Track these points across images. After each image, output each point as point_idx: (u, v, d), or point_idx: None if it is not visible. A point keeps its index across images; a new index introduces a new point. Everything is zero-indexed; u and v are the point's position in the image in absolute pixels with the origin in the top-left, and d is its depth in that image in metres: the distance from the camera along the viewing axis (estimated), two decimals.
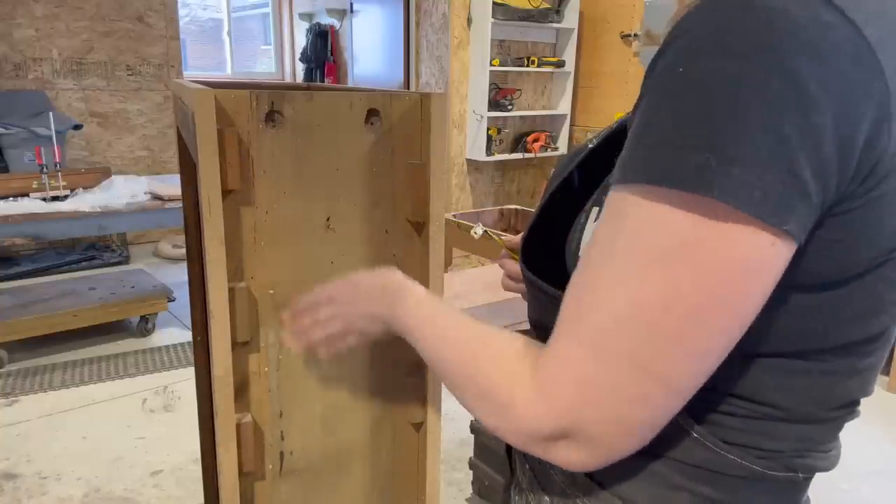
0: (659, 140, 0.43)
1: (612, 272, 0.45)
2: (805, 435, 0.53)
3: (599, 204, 0.54)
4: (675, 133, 0.42)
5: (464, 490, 2.28)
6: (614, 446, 0.47)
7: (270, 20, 6.56)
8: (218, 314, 0.76)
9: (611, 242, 0.46)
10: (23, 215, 2.79)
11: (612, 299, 0.44)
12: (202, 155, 0.72)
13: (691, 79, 0.41)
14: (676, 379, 0.45)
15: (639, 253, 0.44)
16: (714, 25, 0.42)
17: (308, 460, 0.87)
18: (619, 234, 0.45)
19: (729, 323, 0.43)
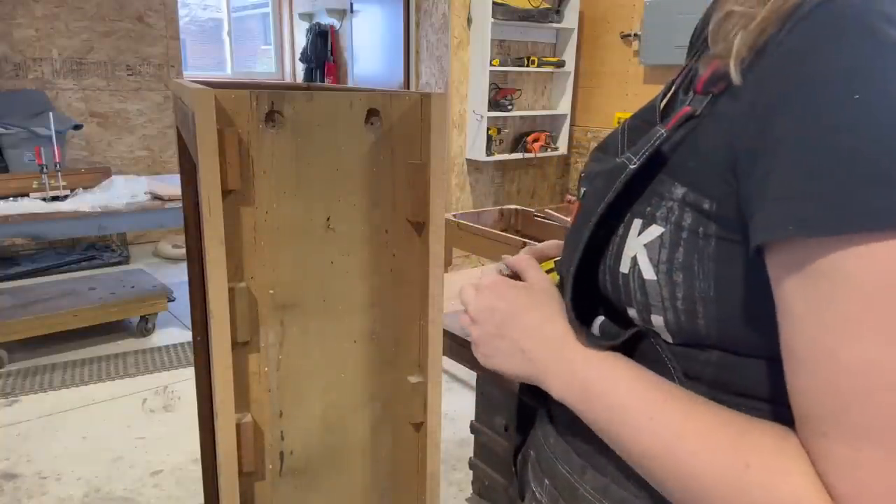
0: (863, 179, 0.37)
1: (870, 341, 0.37)
2: None
3: (642, 216, 0.50)
4: (885, 167, 0.37)
5: (464, 490, 2.28)
6: None
7: (270, 20, 6.56)
8: (218, 314, 0.76)
9: (840, 308, 0.38)
10: (23, 215, 2.79)
11: (891, 371, 0.36)
12: (202, 155, 0.72)
13: (882, 103, 0.37)
14: None
15: (892, 305, 0.36)
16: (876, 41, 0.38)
17: (308, 460, 0.87)
18: (848, 294, 0.37)
19: None
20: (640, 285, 0.50)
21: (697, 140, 0.48)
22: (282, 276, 0.80)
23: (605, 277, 0.54)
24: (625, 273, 0.51)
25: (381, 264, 0.85)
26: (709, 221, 0.46)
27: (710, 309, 0.47)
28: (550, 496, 0.62)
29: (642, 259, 0.50)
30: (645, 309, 0.51)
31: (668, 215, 0.49)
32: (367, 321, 0.86)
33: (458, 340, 1.59)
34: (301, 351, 0.83)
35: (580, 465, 0.58)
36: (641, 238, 0.50)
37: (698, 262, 0.47)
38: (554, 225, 3.12)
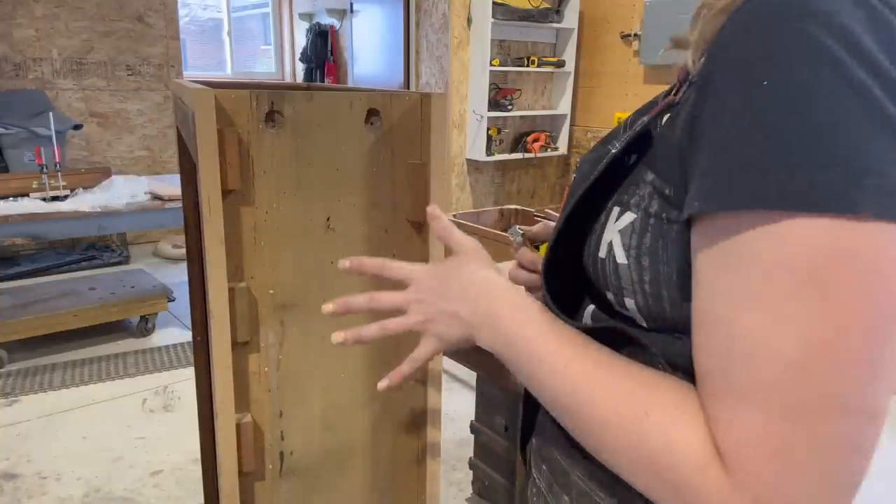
0: (767, 160, 0.39)
1: (762, 314, 0.40)
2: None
3: (620, 204, 0.53)
4: (786, 150, 0.39)
5: (464, 490, 2.28)
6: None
7: (270, 20, 6.56)
8: (218, 314, 0.76)
9: (740, 281, 0.41)
10: (23, 215, 2.79)
11: (777, 344, 0.39)
12: (202, 155, 0.72)
13: (787, 90, 0.39)
14: (877, 405, 0.39)
15: (788, 284, 0.39)
16: (791, 31, 0.40)
17: (308, 460, 0.87)
18: (750, 268, 0.40)
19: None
20: (613, 269, 0.53)
21: (673, 128, 0.50)
22: (282, 276, 0.80)
23: (588, 262, 0.56)
24: (602, 258, 0.54)
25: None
26: (670, 207, 0.48)
27: (672, 292, 0.49)
28: (547, 480, 0.64)
29: (616, 244, 0.52)
30: (619, 292, 0.53)
31: (639, 202, 0.51)
32: (366, 321, 0.86)
33: None
34: (301, 351, 0.83)
35: (568, 447, 0.60)
36: (617, 224, 0.52)
37: (662, 247, 0.49)
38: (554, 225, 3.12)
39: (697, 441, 0.43)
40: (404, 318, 0.64)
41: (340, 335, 0.66)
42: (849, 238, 0.38)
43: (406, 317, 0.64)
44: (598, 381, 0.49)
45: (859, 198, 0.37)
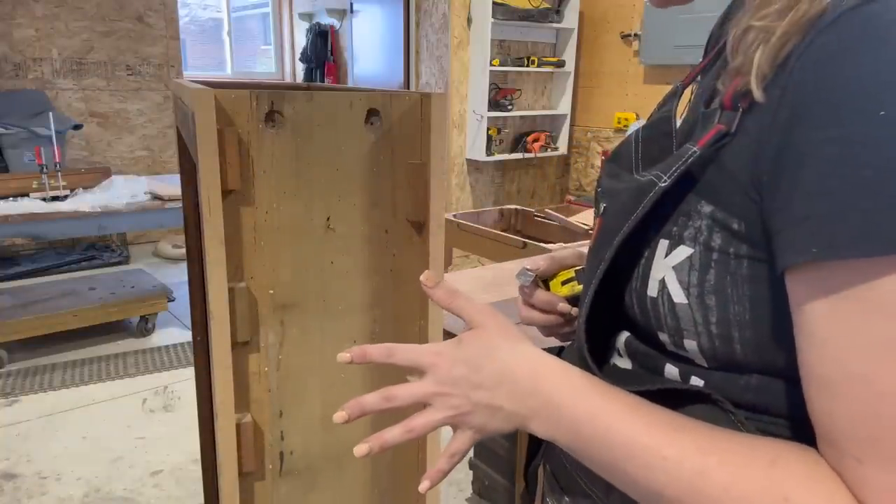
0: (882, 201, 0.36)
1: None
2: None
3: (668, 237, 0.48)
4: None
5: (464, 490, 2.28)
6: None
7: (270, 20, 6.56)
8: (218, 314, 0.76)
9: (876, 332, 0.37)
10: (23, 215, 2.79)
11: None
12: (202, 155, 0.72)
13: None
14: None
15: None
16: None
17: (308, 460, 0.87)
18: (880, 318, 0.37)
19: None
20: (670, 309, 0.48)
21: (725, 157, 0.46)
22: (282, 276, 0.80)
23: (633, 301, 0.52)
24: (653, 297, 0.49)
25: (381, 264, 0.85)
26: (739, 242, 0.45)
27: (745, 332, 0.46)
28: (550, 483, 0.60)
29: (671, 282, 0.48)
30: (677, 334, 0.49)
31: (696, 235, 0.47)
32: (367, 321, 0.86)
33: None
34: (301, 351, 0.83)
35: (605, 484, 0.54)
36: (669, 260, 0.48)
37: (731, 285, 0.45)
38: (554, 225, 3.12)
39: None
40: (431, 416, 0.54)
41: (365, 447, 0.56)
42: None
43: (433, 413, 0.54)
44: (713, 469, 0.43)
45: None
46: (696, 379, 0.50)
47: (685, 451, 0.44)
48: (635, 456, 0.45)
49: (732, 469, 0.42)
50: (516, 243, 2.78)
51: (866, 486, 0.38)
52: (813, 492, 0.40)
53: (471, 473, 2.21)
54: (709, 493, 0.42)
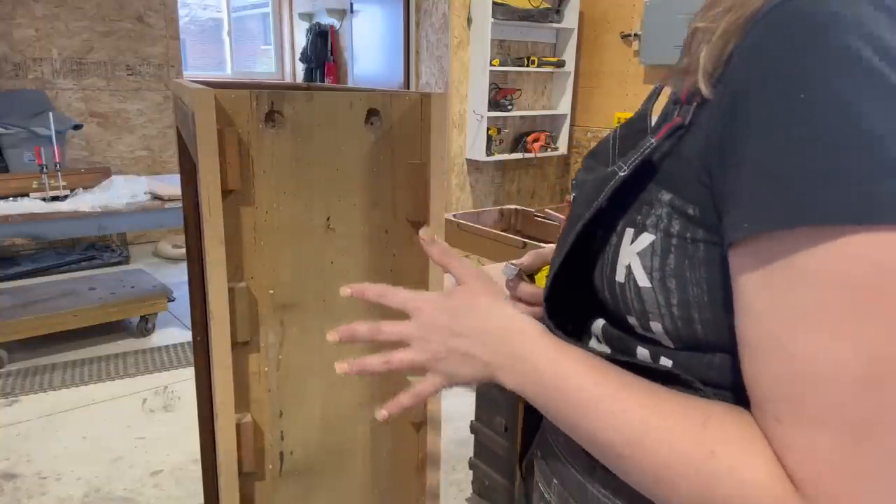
0: (815, 175, 0.38)
1: (821, 333, 0.39)
2: None
3: (633, 224, 0.52)
4: (835, 163, 0.38)
5: (464, 490, 2.28)
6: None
7: (270, 20, 6.56)
8: (218, 314, 0.76)
9: (796, 300, 0.39)
10: (23, 215, 2.79)
11: (842, 362, 0.38)
12: (202, 155, 0.72)
13: (829, 102, 0.38)
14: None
15: (847, 300, 0.38)
16: (822, 41, 0.39)
17: (308, 460, 0.87)
18: (805, 287, 0.39)
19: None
20: (636, 293, 0.51)
21: (682, 148, 0.49)
22: (282, 276, 0.80)
23: (604, 286, 0.55)
24: (621, 282, 0.52)
25: (381, 264, 0.85)
26: (695, 227, 0.47)
27: (705, 313, 0.48)
28: (559, 496, 0.62)
29: (636, 267, 0.51)
30: (643, 316, 0.51)
31: (657, 223, 0.50)
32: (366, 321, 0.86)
33: None
34: (301, 351, 0.83)
35: (589, 464, 0.58)
36: (634, 246, 0.51)
37: (689, 268, 0.48)
38: (554, 225, 3.12)
39: (769, 473, 0.42)
40: (408, 355, 0.60)
41: (344, 365, 0.62)
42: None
43: (411, 352, 0.59)
44: (654, 424, 0.46)
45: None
46: (665, 359, 0.52)
47: (629, 407, 0.48)
48: (587, 409, 0.50)
49: (669, 425, 0.46)
50: (516, 243, 2.78)
51: (783, 445, 0.41)
52: (738, 447, 0.43)
53: (471, 473, 2.21)
54: (647, 445, 0.46)
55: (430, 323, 0.59)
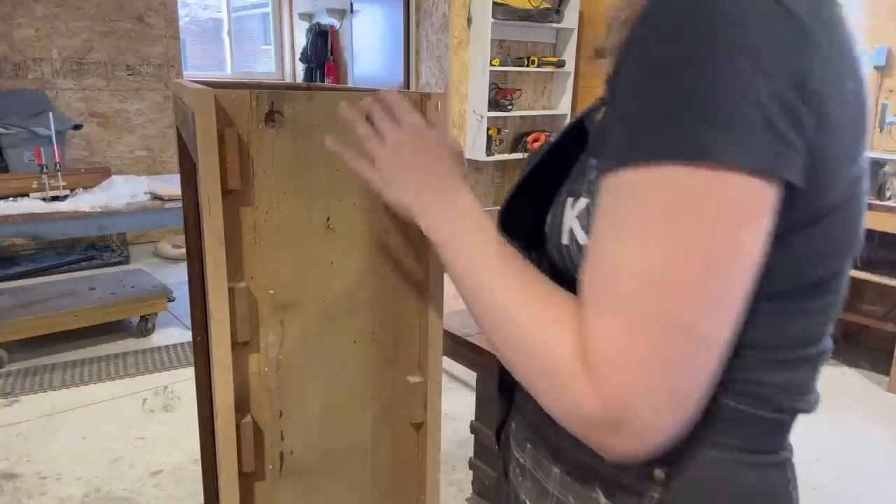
0: (649, 121, 0.47)
1: (627, 243, 0.47)
2: (789, 378, 0.57)
3: (572, 194, 0.59)
4: (663, 113, 0.46)
5: (464, 490, 2.28)
6: (667, 425, 0.48)
7: (270, 20, 6.56)
8: (218, 314, 0.76)
9: (617, 218, 0.48)
10: (23, 215, 2.79)
11: (633, 264, 0.47)
12: (202, 155, 0.72)
13: (668, 63, 0.46)
14: (713, 335, 0.47)
15: (650, 219, 0.46)
16: (678, 12, 0.47)
17: (308, 460, 0.87)
18: (625, 210, 0.48)
19: (746, 265, 0.47)
20: (578, 251, 0.57)
21: (597, 121, 0.59)
22: (282, 276, 0.80)
23: (554, 252, 0.62)
24: (566, 244, 0.59)
25: (381, 264, 0.85)
26: None
27: None
28: (533, 458, 0.67)
29: (577, 229, 0.58)
30: None
31: (589, 187, 0.57)
32: (367, 321, 0.86)
33: (458, 340, 1.59)
34: (301, 351, 0.83)
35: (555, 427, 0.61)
36: (573, 211, 0.58)
37: None
38: None
39: (570, 343, 0.50)
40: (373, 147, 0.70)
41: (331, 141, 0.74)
42: (708, 186, 0.45)
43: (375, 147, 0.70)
44: (507, 284, 0.56)
45: (719, 151, 0.44)
46: None
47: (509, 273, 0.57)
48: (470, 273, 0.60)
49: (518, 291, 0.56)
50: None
51: (585, 323, 0.49)
52: (560, 325, 0.52)
53: (471, 473, 2.21)
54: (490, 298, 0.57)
55: (397, 153, 0.69)
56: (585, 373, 0.48)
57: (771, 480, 0.59)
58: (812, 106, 0.46)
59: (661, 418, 0.47)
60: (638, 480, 0.58)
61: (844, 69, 0.48)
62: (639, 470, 0.57)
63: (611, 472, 0.59)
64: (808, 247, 0.52)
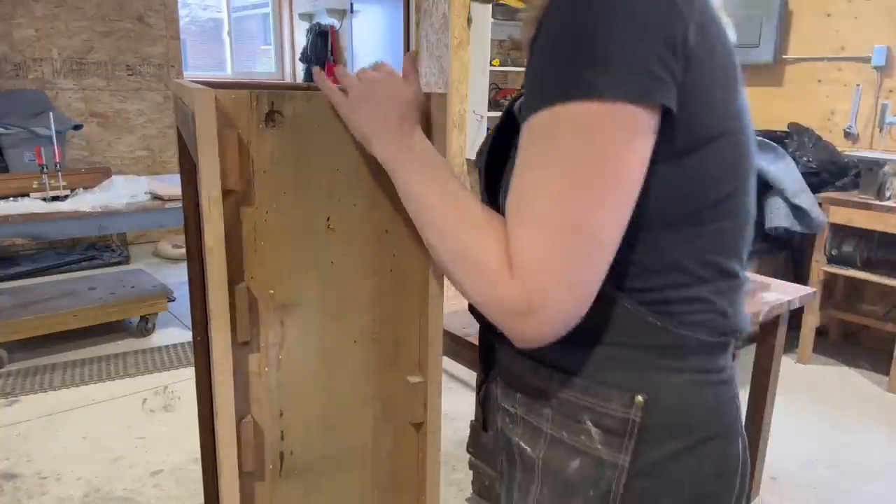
0: (552, 74, 0.59)
1: (538, 170, 0.60)
2: (719, 304, 0.70)
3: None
4: (562, 67, 0.59)
5: (464, 490, 2.28)
6: (568, 312, 0.61)
7: (270, 20, 6.56)
8: (218, 314, 0.76)
9: (531, 153, 0.61)
10: (23, 215, 2.79)
11: (543, 187, 0.60)
12: (202, 155, 0.72)
13: (566, 30, 0.59)
14: (603, 234, 0.60)
15: (554, 149, 0.59)
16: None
17: (308, 460, 0.87)
18: (535, 145, 0.61)
19: (629, 179, 0.59)
20: None
21: None
22: (282, 276, 0.80)
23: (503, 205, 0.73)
24: None
25: (381, 264, 0.85)
26: None
27: None
28: (524, 406, 0.76)
29: None
30: None
31: None
32: (367, 321, 0.86)
33: (458, 340, 1.59)
34: (301, 351, 0.83)
35: (548, 373, 0.73)
36: None
37: None
38: None
39: (498, 251, 0.62)
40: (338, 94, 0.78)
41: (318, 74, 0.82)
42: (592, 115, 0.57)
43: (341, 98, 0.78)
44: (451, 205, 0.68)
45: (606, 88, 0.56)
46: None
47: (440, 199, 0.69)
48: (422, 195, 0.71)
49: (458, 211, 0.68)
50: None
51: (511, 237, 0.61)
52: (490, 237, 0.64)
53: (471, 473, 2.21)
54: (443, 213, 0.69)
55: (370, 78, 0.77)
56: (509, 274, 0.60)
57: (721, 396, 0.72)
58: (679, 54, 0.59)
59: (565, 308, 0.60)
60: (622, 407, 0.68)
61: (709, 28, 0.61)
62: (622, 398, 0.68)
63: (599, 403, 0.69)
64: (700, 170, 0.64)
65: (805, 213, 3.14)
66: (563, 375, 0.71)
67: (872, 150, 3.40)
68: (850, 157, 3.30)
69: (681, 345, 0.68)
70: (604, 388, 0.69)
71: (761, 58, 3.69)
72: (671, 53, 0.58)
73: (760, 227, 3.30)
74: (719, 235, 0.68)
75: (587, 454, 0.70)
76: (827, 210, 3.18)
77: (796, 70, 3.72)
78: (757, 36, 3.68)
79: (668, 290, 0.67)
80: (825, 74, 3.61)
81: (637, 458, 0.68)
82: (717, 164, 0.65)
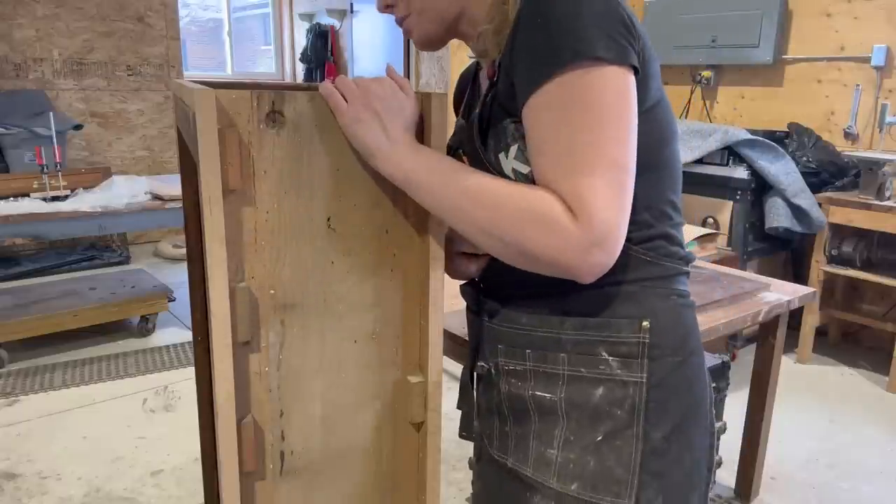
0: (546, 53, 0.72)
1: (566, 132, 0.72)
2: (669, 233, 0.86)
3: (504, 149, 0.80)
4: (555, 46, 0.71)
5: (464, 490, 2.28)
6: (624, 234, 0.72)
7: (270, 20, 6.56)
8: (218, 314, 0.76)
9: (552, 121, 0.72)
10: (23, 215, 2.79)
11: (578, 142, 0.71)
12: (203, 155, 0.72)
13: (548, 21, 0.72)
14: (629, 164, 0.73)
15: (571, 110, 0.71)
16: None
17: (308, 460, 0.87)
18: (552, 112, 0.72)
19: (632, 122, 0.73)
20: (523, 178, 0.79)
21: (498, 92, 0.81)
22: (282, 276, 0.80)
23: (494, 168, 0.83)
24: (512, 178, 0.80)
25: (382, 264, 0.86)
26: None
27: None
28: (536, 358, 0.86)
29: (518, 166, 0.79)
30: None
31: (514, 134, 0.79)
32: (367, 321, 0.86)
33: (458, 340, 1.59)
34: (301, 351, 0.83)
35: (558, 321, 0.84)
36: (509, 160, 0.80)
37: None
38: None
39: (554, 202, 0.71)
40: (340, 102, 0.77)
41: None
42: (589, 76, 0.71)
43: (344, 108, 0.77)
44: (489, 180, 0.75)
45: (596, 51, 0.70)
46: None
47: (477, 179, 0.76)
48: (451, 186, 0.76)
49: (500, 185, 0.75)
50: None
51: (572, 189, 0.71)
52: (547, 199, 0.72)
53: (471, 473, 2.21)
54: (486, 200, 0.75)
55: (369, 91, 0.77)
56: (574, 218, 0.70)
57: (693, 316, 0.89)
58: (633, 33, 0.74)
59: (623, 230, 0.72)
60: (633, 334, 0.82)
61: (634, 19, 0.76)
62: (632, 326, 0.82)
63: (612, 335, 0.82)
64: (656, 124, 0.81)
65: (805, 213, 3.15)
66: (576, 319, 0.83)
67: (872, 150, 3.40)
68: (850, 157, 3.30)
69: (666, 274, 0.85)
70: (615, 320, 0.82)
71: (761, 58, 3.69)
72: (627, 31, 0.73)
73: (760, 227, 3.30)
74: (670, 179, 0.86)
75: (609, 380, 0.83)
76: (827, 210, 3.18)
77: (796, 70, 3.72)
78: (757, 36, 3.68)
79: (647, 229, 0.83)
80: (825, 74, 3.61)
81: (652, 374, 0.82)
82: (663, 121, 0.83)
